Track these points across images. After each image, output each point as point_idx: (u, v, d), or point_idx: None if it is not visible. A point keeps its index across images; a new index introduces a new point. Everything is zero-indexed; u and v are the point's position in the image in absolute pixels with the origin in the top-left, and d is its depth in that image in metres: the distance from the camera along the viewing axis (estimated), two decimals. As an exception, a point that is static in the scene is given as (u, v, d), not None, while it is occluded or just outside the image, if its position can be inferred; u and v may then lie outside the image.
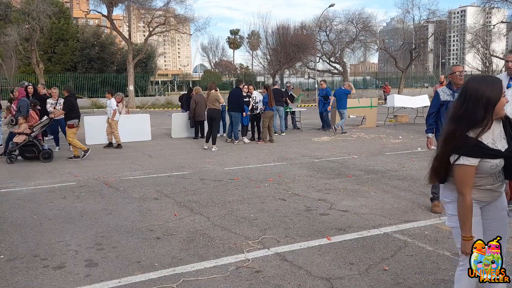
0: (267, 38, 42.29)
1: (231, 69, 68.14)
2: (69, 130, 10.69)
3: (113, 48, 40.12)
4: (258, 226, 5.33)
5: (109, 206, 6.41)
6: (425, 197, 6.44)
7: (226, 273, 3.99)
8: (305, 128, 16.93)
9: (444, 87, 5.88)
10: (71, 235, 5.14)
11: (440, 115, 5.76)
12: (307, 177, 8.19)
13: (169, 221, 5.60)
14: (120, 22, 52.93)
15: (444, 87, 5.89)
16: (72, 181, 8.19)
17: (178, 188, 7.44)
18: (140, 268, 4.15)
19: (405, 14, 41.65)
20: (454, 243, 4.59)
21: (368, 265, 4.14)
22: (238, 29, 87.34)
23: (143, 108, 25.61)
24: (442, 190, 2.89)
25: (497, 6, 42.56)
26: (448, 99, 5.75)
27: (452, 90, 5.80)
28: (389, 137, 13.93)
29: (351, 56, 44.30)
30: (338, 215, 5.75)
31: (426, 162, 9.38)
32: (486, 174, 2.62)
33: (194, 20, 36.21)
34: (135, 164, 9.91)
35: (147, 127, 14.54)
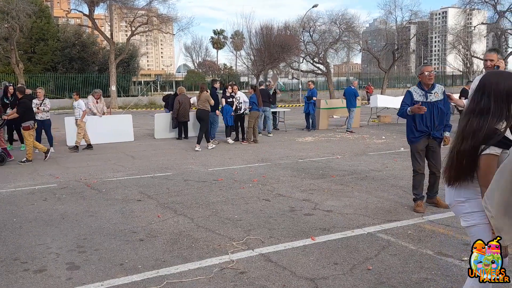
0: (251, 38, 42.25)
1: (215, 69, 67.92)
2: (25, 132, 10.44)
3: (94, 47, 39.59)
4: (243, 227, 5.31)
5: (91, 208, 6.32)
6: (408, 197, 6.50)
7: (210, 275, 3.97)
8: (290, 129, 16.96)
9: (415, 87, 5.87)
10: (52, 238, 5.06)
11: (414, 116, 5.76)
12: (292, 177, 8.20)
13: (153, 223, 5.55)
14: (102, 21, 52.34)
15: (415, 87, 5.87)
16: (53, 183, 8.06)
17: (161, 189, 7.37)
18: (123, 271, 4.10)
19: (388, 15, 42.07)
20: (437, 242, 4.66)
21: (352, 264, 4.15)
22: (222, 29, 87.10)
23: (126, 108, 25.37)
24: (454, 191, 2.80)
25: (477, 7, 43.29)
26: (420, 99, 5.74)
27: (424, 91, 5.78)
28: (372, 137, 14.04)
29: (334, 56, 44.50)
30: (322, 215, 5.77)
31: (409, 162, 9.46)
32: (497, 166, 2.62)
33: (177, 20, 36.02)
34: (117, 165, 9.81)
35: (129, 128, 14.40)
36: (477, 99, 2.65)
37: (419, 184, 5.96)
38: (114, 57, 32.80)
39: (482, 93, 2.64)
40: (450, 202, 2.89)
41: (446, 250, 4.47)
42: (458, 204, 2.81)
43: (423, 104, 5.71)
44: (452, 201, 2.86)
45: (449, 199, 2.90)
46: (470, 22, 51.47)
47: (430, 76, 5.75)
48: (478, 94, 2.67)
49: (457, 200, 2.81)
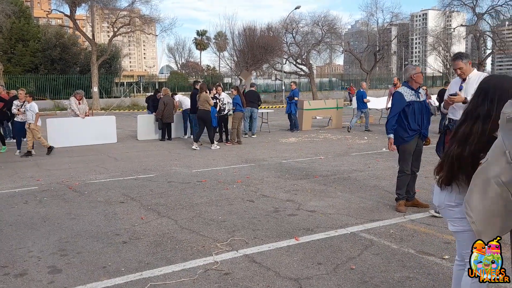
0: (234, 40, 42.22)
1: (198, 70, 67.74)
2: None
3: (76, 48, 39.09)
4: (227, 228, 5.31)
5: (73, 210, 6.25)
6: (389, 197, 6.58)
7: (194, 276, 3.96)
8: (273, 130, 17.01)
9: (404, 88, 5.87)
10: (33, 241, 4.99)
11: (407, 115, 5.80)
12: (275, 178, 8.23)
13: (136, 225, 5.51)
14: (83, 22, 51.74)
15: (404, 88, 5.87)
16: (34, 186, 7.95)
17: (144, 191, 7.33)
18: (106, 274, 4.07)
19: (369, 17, 42.53)
20: (418, 241, 4.72)
21: (335, 264, 4.19)
22: (205, 30, 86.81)
23: (108, 110, 25.12)
24: (445, 194, 2.77)
25: (456, 10, 44.06)
26: (413, 99, 5.80)
27: (414, 90, 5.88)
28: (355, 138, 14.16)
29: (317, 58, 44.79)
30: (306, 215, 5.80)
31: (391, 162, 9.52)
32: None
33: (159, 21, 35.76)
34: (100, 167, 9.71)
35: (112, 129, 14.26)
36: (479, 103, 2.59)
37: (404, 185, 6.01)
38: (96, 58, 32.45)
39: (484, 97, 2.57)
40: (439, 204, 2.85)
41: (427, 249, 4.54)
42: (448, 208, 2.78)
43: (416, 103, 5.78)
44: (442, 203, 2.82)
45: (438, 201, 2.86)
46: (450, 24, 52.37)
47: (421, 76, 5.89)
48: (480, 98, 2.60)
49: (448, 204, 2.77)
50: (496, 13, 41.96)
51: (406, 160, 5.96)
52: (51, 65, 35.58)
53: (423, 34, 74.16)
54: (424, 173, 7.95)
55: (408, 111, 5.78)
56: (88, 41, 33.58)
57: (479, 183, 2.35)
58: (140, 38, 42.79)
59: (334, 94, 42.42)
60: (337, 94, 42.24)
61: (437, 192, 2.84)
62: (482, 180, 2.34)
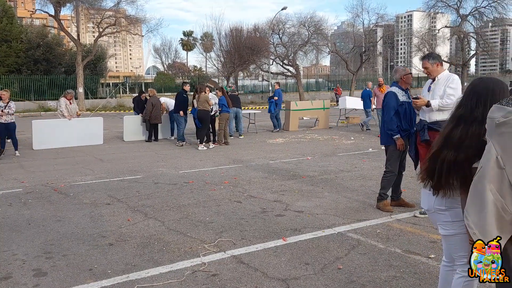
0: (221, 40, 42.27)
1: (185, 71, 67.46)
2: None
3: (60, 49, 38.63)
4: (214, 229, 5.30)
5: (58, 212, 6.18)
6: (376, 197, 6.61)
7: (182, 278, 3.94)
8: (260, 130, 17.02)
9: (396, 88, 5.92)
10: (17, 244, 4.92)
11: (400, 115, 5.83)
12: (263, 179, 8.23)
13: (122, 227, 5.47)
14: (68, 22, 51.26)
15: (396, 88, 5.92)
16: (18, 188, 7.84)
17: (131, 193, 7.28)
18: (92, 276, 4.03)
19: (355, 18, 42.81)
20: (405, 241, 4.76)
21: (323, 264, 4.20)
22: (191, 31, 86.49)
23: (94, 110, 24.90)
24: (434, 199, 2.72)
25: (441, 11, 44.57)
26: (405, 99, 5.85)
27: (404, 90, 5.96)
28: (342, 138, 14.23)
29: (303, 58, 44.92)
30: (293, 216, 5.81)
31: (377, 162, 9.59)
32: None
33: (145, 21, 35.61)
34: (85, 169, 9.62)
35: (99, 131, 14.13)
36: (473, 106, 2.52)
37: (390, 184, 6.06)
38: (81, 58, 32.16)
39: (478, 100, 2.52)
40: (429, 208, 2.80)
41: (413, 248, 4.58)
42: (438, 212, 2.74)
43: (407, 104, 5.84)
44: (432, 207, 2.77)
45: (427, 205, 2.81)
46: (435, 25, 52.91)
47: (411, 77, 6.03)
48: (473, 101, 2.54)
49: (438, 208, 2.73)
50: (479, 14, 42.60)
51: (396, 161, 6.00)
52: (34, 66, 35.10)
53: (408, 35, 74.87)
54: (410, 173, 8.03)
55: (401, 111, 5.83)
56: (73, 41, 33.27)
57: (476, 193, 2.29)
58: (126, 38, 42.58)
59: (321, 94, 42.61)
60: (323, 94, 42.44)
61: (426, 196, 2.81)
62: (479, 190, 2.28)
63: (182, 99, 13.60)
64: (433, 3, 42.56)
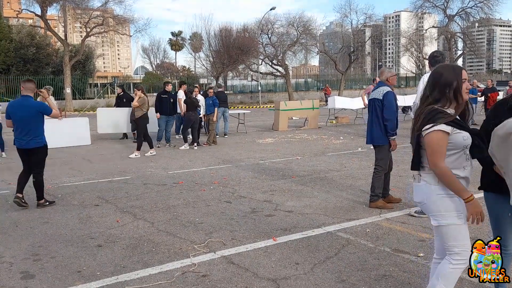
0: (210, 40, 42.15)
1: (174, 71, 67.25)
2: None
3: (49, 49, 38.27)
4: (204, 230, 5.28)
5: (46, 214, 6.12)
6: (366, 196, 6.64)
7: (171, 279, 3.92)
8: (250, 130, 17.02)
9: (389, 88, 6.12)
10: (5, 247, 4.86)
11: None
12: (252, 179, 8.23)
13: (111, 228, 5.43)
14: (55, 22, 50.76)
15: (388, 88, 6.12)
16: (5, 189, 7.75)
17: (120, 194, 7.23)
18: (81, 278, 3.99)
19: (344, 18, 43.04)
20: (394, 239, 4.79)
21: (313, 264, 4.21)
22: (180, 31, 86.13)
23: (82, 111, 24.70)
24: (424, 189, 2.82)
25: (428, 11, 44.95)
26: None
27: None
28: (331, 138, 14.28)
29: (292, 58, 45.00)
30: (283, 215, 5.82)
31: (366, 162, 9.66)
32: (459, 147, 2.67)
33: (134, 21, 35.37)
34: (73, 170, 9.53)
35: (86, 131, 14.01)
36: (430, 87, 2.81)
37: (382, 183, 6.12)
38: (68, 58, 31.85)
39: (432, 84, 2.81)
40: (421, 200, 2.85)
41: (403, 247, 4.61)
42: (431, 201, 2.78)
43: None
44: (424, 199, 2.82)
45: (420, 198, 2.87)
46: (422, 25, 53.40)
47: (395, 79, 6.23)
48: (431, 82, 2.83)
49: (429, 197, 2.78)
50: (466, 15, 43.05)
51: (386, 159, 6.09)
52: (24, 66, 34.71)
53: (396, 35, 75.35)
54: (398, 172, 8.08)
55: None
56: (60, 41, 32.97)
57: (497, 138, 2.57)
58: (113, 38, 42.22)
59: (310, 94, 42.71)
60: (313, 94, 42.54)
61: (417, 188, 2.87)
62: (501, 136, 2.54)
63: (160, 99, 13.14)
64: (420, 3, 42.94)
